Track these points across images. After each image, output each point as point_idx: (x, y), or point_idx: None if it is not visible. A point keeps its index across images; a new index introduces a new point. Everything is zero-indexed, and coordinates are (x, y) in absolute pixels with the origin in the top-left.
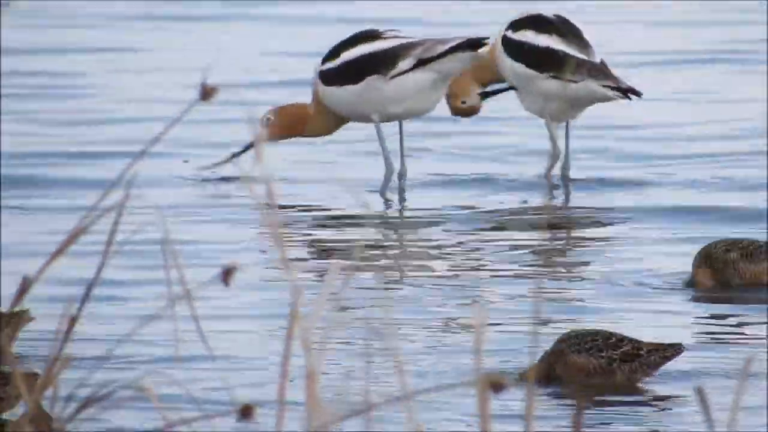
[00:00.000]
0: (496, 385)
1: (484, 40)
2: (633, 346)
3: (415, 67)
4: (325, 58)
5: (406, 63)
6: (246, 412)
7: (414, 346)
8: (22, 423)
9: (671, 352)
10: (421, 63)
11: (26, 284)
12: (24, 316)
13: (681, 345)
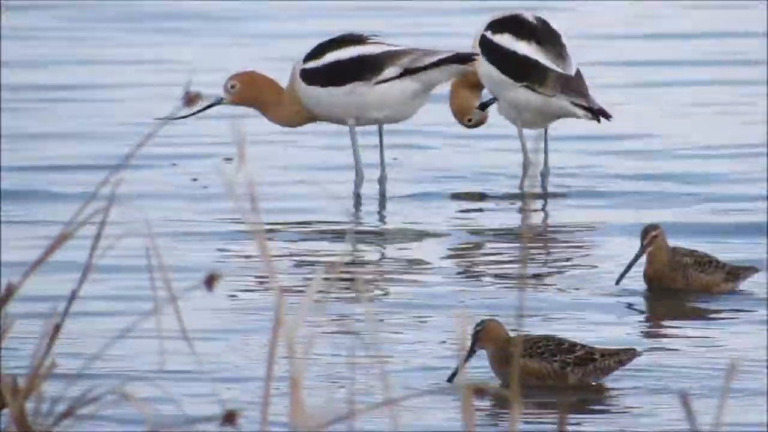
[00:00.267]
0: (479, 392)
1: (474, 55)
2: (586, 351)
3: (401, 76)
4: (308, 57)
5: (393, 71)
6: (229, 419)
7: (397, 353)
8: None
9: (625, 357)
10: (408, 72)
11: (10, 290)
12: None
13: (635, 350)
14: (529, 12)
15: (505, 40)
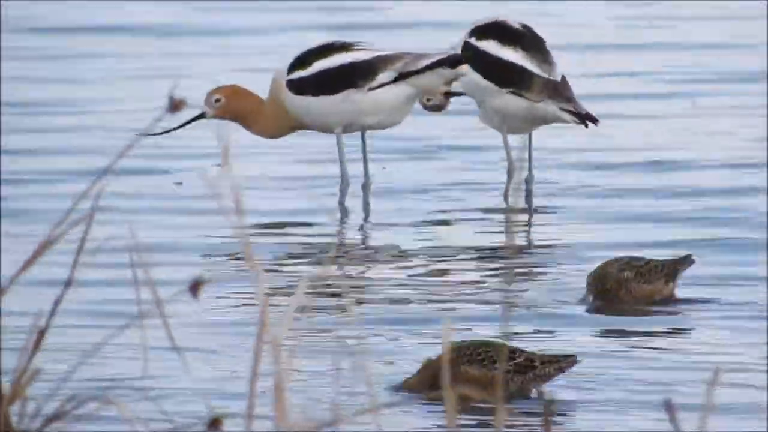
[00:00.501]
0: (463, 397)
1: (467, 57)
2: (526, 358)
3: (395, 81)
4: (294, 67)
5: (386, 76)
6: (214, 424)
7: (381, 358)
8: None
9: (565, 364)
10: (402, 77)
11: None
12: None
13: (575, 357)
14: (512, 18)
15: (490, 47)
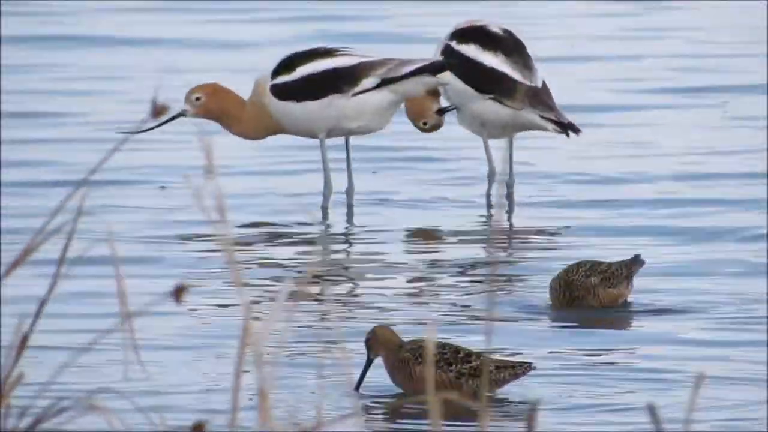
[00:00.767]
0: (447, 401)
1: (450, 64)
2: (482, 362)
3: (378, 86)
4: (277, 72)
5: (370, 81)
6: (197, 430)
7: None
8: None
9: (521, 370)
10: (386, 83)
11: None
12: None
13: (530, 363)
14: (493, 22)
15: (471, 51)
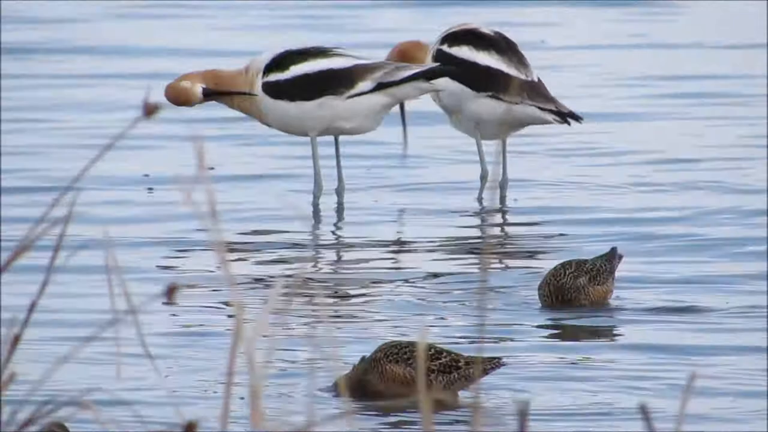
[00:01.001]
0: (439, 402)
1: (447, 69)
2: (452, 358)
3: (373, 90)
4: (270, 69)
5: (366, 85)
6: (189, 430)
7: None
8: None
9: (490, 366)
10: (381, 87)
11: None
12: None
13: (500, 359)
14: (483, 25)
15: (464, 52)
